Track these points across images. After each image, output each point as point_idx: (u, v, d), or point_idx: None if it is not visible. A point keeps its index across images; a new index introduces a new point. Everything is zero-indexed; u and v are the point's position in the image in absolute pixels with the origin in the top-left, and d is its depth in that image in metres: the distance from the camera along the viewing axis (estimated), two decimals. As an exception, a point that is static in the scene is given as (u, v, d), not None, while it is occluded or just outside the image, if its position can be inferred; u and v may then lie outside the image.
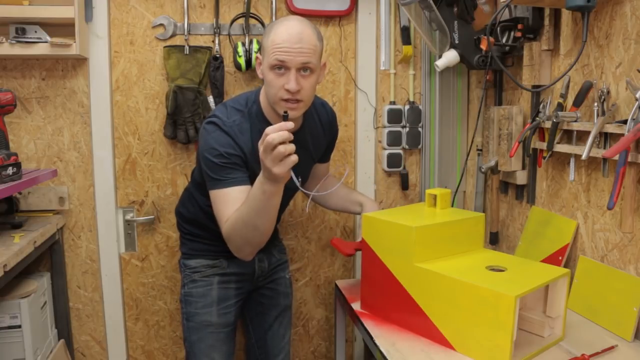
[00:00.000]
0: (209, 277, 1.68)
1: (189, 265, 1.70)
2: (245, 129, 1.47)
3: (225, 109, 1.51)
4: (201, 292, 1.67)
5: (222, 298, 1.67)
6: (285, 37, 1.36)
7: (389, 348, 1.36)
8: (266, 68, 1.41)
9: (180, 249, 1.79)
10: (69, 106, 2.01)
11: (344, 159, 2.22)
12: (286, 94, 1.39)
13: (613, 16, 1.44)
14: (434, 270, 1.36)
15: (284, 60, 1.36)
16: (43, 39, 1.83)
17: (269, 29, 1.42)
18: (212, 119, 1.49)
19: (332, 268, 2.28)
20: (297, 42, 1.36)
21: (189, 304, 1.68)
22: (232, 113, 1.49)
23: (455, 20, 1.86)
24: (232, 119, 1.47)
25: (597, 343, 1.34)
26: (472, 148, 2.12)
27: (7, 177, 1.60)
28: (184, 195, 1.79)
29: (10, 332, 1.71)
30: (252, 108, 1.51)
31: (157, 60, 2.03)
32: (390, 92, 2.18)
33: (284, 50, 1.36)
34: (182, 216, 1.76)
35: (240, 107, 1.51)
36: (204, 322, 1.65)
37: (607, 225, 1.49)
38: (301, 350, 2.32)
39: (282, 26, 1.39)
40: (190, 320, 1.67)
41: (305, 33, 1.38)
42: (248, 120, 1.49)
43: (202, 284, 1.67)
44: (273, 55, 1.37)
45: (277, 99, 1.41)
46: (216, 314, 1.66)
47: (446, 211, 1.61)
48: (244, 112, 1.50)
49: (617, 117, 1.41)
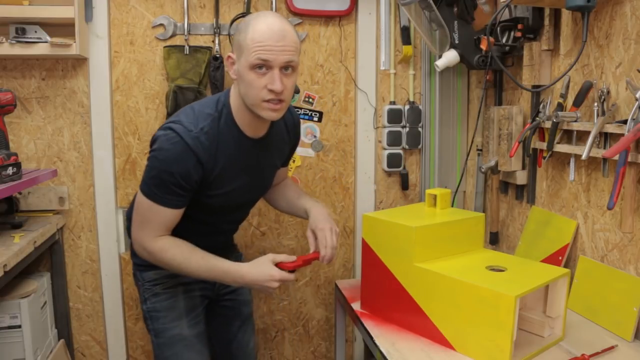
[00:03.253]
0: (173, 287, 1.54)
1: (148, 277, 1.55)
2: (213, 137, 1.35)
3: (193, 113, 1.37)
4: (167, 305, 1.53)
5: (190, 308, 1.56)
6: (268, 34, 1.26)
7: (389, 348, 1.36)
8: (245, 68, 1.29)
9: (133, 258, 1.59)
10: (69, 106, 2.01)
11: (344, 158, 2.22)
12: (269, 95, 1.29)
13: (613, 16, 1.44)
14: (434, 270, 1.36)
15: (267, 59, 1.26)
16: (43, 39, 1.83)
17: (244, 26, 1.30)
18: (174, 125, 1.33)
19: (332, 268, 2.28)
20: (280, 39, 1.27)
21: (155, 320, 1.54)
22: (201, 118, 1.35)
23: (455, 20, 1.86)
24: (199, 126, 1.33)
25: (597, 343, 1.34)
26: (472, 148, 2.12)
27: (7, 177, 1.60)
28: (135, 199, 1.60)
29: (10, 332, 1.71)
30: (222, 111, 1.38)
31: (157, 60, 2.03)
32: (390, 92, 2.18)
33: (267, 49, 1.26)
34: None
35: (210, 110, 1.38)
36: (175, 336, 1.52)
37: (607, 225, 1.49)
38: (301, 350, 2.32)
39: (262, 23, 1.28)
40: (160, 337, 1.53)
41: (287, 30, 1.29)
42: (217, 126, 1.36)
43: (166, 296, 1.54)
44: (254, 53, 1.26)
45: (259, 101, 1.30)
46: (187, 326, 1.54)
47: (446, 211, 1.61)
48: (214, 117, 1.37)
49: (617, 117, 1.41)
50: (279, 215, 2.20)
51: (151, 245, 1.39)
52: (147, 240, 1.39)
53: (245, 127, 1.40)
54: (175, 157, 1.31)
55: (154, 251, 1.39)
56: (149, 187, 1.36)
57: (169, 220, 1.38)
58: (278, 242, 2.22)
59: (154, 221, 1.37)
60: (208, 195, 1.41)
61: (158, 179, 1.34)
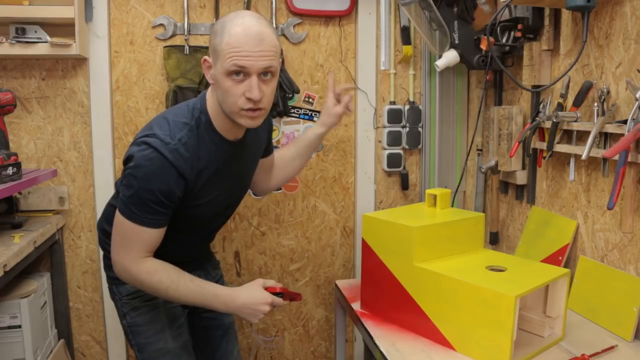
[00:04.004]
0: (152, 300, 1.46)
1: (125, 291, 1.47)
2: (193, 146, 1.27)
3: (167, 124, 1.27)
4: (148, 319, 1.46)
5: (172, 319, 1.49)
6: (243, 38, 1.17)
7: (389, 348, 1.36)
8: (220, 74, 1.21)
9: (107, 271, 1.52)
10: (69, 106, 2.01)
11: (344, 158, 2.22)
12: (247, 104, 1.21)
13: (613, 16, 1.44)
14: (434, 270, 1.36)
15: (244, 65, 1.18)
16: (43, 39, 1.83)
17: (219, 28, 1.21)
18: (149, 139, 1.24)
19: (332, 268, 2.29)
20: (258, 44, 1.18)
21: (137, 335, 1.47)
22: (177, 129, 1.26)
23: (455, 20, 1.86)
24: (177, 137, 1.25)
25: (597, 343, 1.34)
26: (472, 148, 2.12)
27: (7, 177, 1.60)
28: (108, 211, 1.51)
29: (10, 332, 1.71)
30: (199, 119, 1.29)
31: (157, 60, 2.03)
32: (390, 92, 2.18)
33: (244, 55, 1.17)
34: (107, 234, 1.44)
35: (186, 119, 1.29)
36: (160, 350, 1.46)
37: (607, 225, 1.48)
38: (301, 350, 2.32)
39: (238, 25, 1.19)
40: (143, 352, 1.47)
41: (266, 33, 1.20)
42: (196, 134, 1.28)
43: (146, 310, 1.47)
44: (230, 60, 1.18)
45: (237, 109, 1.23)
46: (171, 338, 1.47)
47: (446, 211, 1.61)
48: (190, 125, 1.28)
49: (617, 117, 1.41)
50: (279, 215, 2.20)
51: (135, 269, 1.29)
52: (129, 263, 1.29)
53: (226, 132, 1.33)
54: (155, 173, 1.22)
55: (139, 274, 1.29)
56: (128, 208, 1.26)
57: (152, 240, 1.29)
58: (278, 242, 2.22)
59: (135, 243, 1.28)
60: (191, 206, 1.34)
61: (137, 198, 1.24)
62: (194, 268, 1.49)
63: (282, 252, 2.23)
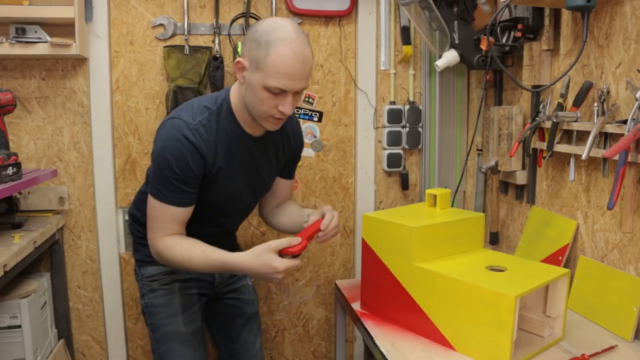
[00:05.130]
0: (169, 284, 1.58)
1: (146, 273, 1.59)
2: (212, 130, 1.37)
3: (192, 107, 1.39)
4: (163, 302, 1.57)
5: (186, 305, 1.58)
6: (290, 63, 1.24)
7: (389, 348, 1.36)
8: (258, 85, 1.28)
9: (134, 255, 1.66)
10: (69, 106, 2.01)
11: (344, 158, 2.22)
12: (278, 114, 1.32)
13: (613, 16, 1.44)
14: (434, 270, 1.36)
15: (286, 89, 1.27)
16: (43, 39, 1.83)
17: (264, 42, 1.25)
18: (175, 120, 1.35)
19: (332, 268, 2.28)
20: (301, 69, 1.27)
21: (152, 315, 1.58)
22: (199, 112, 1.37)
23: (455, 20, 1.86)
24: (197, 119, 1.35)
25: (597, 343, 1.34)
26: (472, 148, 2.12)
27: (7, 177, 1.60)
28: (138, 197, 1.64)
29: (10, 332, 1.71)
30: (221, 106, 1.40)
31: (157, 60, 2.03)
32: (390, 92, 2.18)
33: (288, 78, 1.26)
34: (136, 220, 1.62)
35: (209, 104, 1.40)
36: (171, 332, 1.56)
37: (607, 225, 1.48)
38: (301, 350, 2.32)
39: (284, 45, 1.24)
40: (156, 332, 1.58)
41: (307, 56, 1.28)
42: (216, 119, 1.38)
43: (162, 293, 1.57)
44: (275, 81, 1.25)
45: (267, 116, 1.33)
46: (182, 323, 1.57)
47: (446, 211, 1.61)
48: (212, 110, 1.38)
49: (617, 117, 1.41)
50: (279, 215, 2.20)
51: (157, 245, 1.40)
52: (154, 240, 1.41)
53: (245, 125, 1.42)
54: (174, 151, 1.33)
55: (160, 250, 1.40)
56: (155, 187, 1.38)
57: (175, 219, 1.39)
58: (278, 242, 2.22)
59: (160, 221, 1.39)
60: (210, 190, 1.42)
61: (162, 177, 1.35)
62: None
63: (282, 252, 2.23)
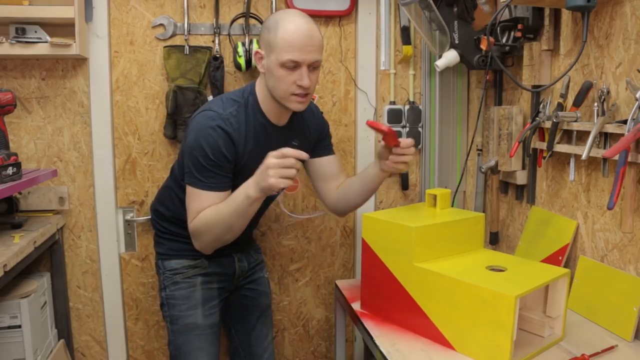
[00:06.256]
0: (191, 278, 1.64)
1: (169, 266, 1.66)
2: (241, 120, 1.49)
3: (221, 101, 1.52)
4: (184, 294, 1.64)
5: (206, 299, 1.65)
6: (297, 36, 1.39)
7: (389, 348, 1.36)
8: (275, 64, 1.42)
9: (156, 248, 1.75)
10: (69, 106, 2.01)
11: (344, 158, 2.22)
12: (298, 90, 1.43)
13: (613, 16, 1.44)
14: (434, 270, 1.36)
15: (298, 59, 1.40)
16: (43, 39, 1.83)
17: (273, 24, 1.43)
18: (206, 112, 1.48)
19: (332, 268, 2.28)
20: (309, 40, 1.40)
21: (172, 307, 1.65)
22: (228, 104, 1.50)
23: (455, 20, 1.86)
24: (228, 110, 1.48)
25: (597, 343, 1.34)
26: (472, 148, 2.12)
27: (7, 177, 1.60)
28: (162, 193, 1.74)
29: (10, 332, 1.71)
30: (248, 99, 1.53)
31: (157, 60, 2.03)
32: (390, 92, 2.18)
33: (297, 49, 1.39)
34: (160, 215, 1.72)
35: (237, 97, 1.53)
36: (189, 324, 1.63)
37: (607, 225, 1.49)
38: (301, 350, 2.32)
39: (291, 23, 1.40)
40: (175, 324, 1.64)
41: (314, 30, 1.43)
42: (244, 111, 1.51)
43: (184, 286, 1.64)
44: (287, 54, 1.39)
45: (288, 95, 1.45)
46: (201, 316, 1.63)
47: (446, 211, 1.61)
48: (240, 103, 1.51)
49: (617, 117, 1.41)
50: (279, 215, 2.20)
51: (190, 228, 1.48)
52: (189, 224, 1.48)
53: (270, 114, 1.54)
54: (208, 139, 1.43)
55: (192, 231, 1.48)
56: (191, 175, 1.46)
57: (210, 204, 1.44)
58: (278, 242, 2.22)
59: (194, 206, 1.46)
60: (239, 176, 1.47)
61: (197, 165, 1.43)
62: (238, 250, 1.72)
63: (282, 252, 2.23)
